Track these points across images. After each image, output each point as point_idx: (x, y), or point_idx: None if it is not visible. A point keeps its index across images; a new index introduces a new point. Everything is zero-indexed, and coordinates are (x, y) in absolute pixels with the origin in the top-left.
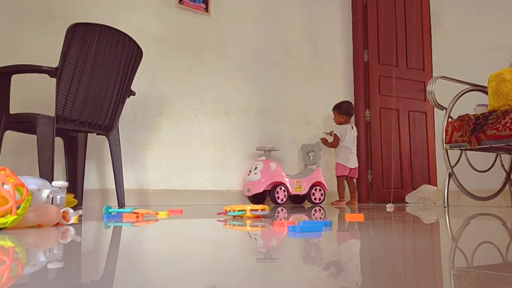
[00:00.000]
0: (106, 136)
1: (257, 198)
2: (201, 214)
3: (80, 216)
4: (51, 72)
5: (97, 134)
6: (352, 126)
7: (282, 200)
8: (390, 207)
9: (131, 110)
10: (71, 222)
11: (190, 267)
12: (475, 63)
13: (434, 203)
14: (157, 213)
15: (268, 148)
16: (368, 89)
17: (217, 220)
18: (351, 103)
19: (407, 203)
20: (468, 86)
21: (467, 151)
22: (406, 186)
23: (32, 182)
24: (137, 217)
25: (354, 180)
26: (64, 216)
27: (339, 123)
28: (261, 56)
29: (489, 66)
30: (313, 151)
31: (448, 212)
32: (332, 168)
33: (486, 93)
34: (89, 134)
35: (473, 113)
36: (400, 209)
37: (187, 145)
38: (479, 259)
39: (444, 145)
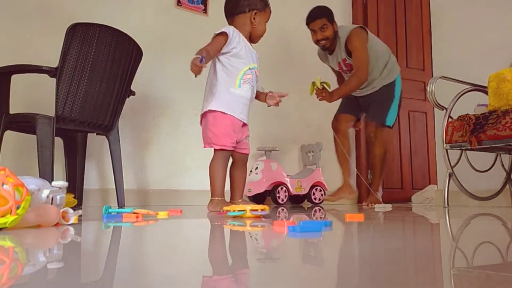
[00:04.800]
0: (106, 136)
1: (257, 198)
2: (201, 214)
3: (80, 216)
4: (51, 72)
5: (97, 134)
6: None
7: (283, 200)
8: (381, 207)
9: (131, 110)
10: (71, 222)
11: (190, 267)
12: (475, 63)
13: None
14: (157, 213)
15: (269, 148)
16: None
17: (217, 221)
18: None
19: (413, 202)
20: (468, 86)
21: (467, 151)
22: (406, 186)
23: (32, 182)
24: (137, 217)
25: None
26: (64, 216)
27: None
28: (260, 56)
29: (489, 66)
30: (313, 151)
31: (448, 212)
32: (332, 168)
33: (486, 93)
34: (89, 134)
35: (473, 113)
36: (398, 208)
37: (187, 145)
38: (479, 259)
39: (444, 145)
